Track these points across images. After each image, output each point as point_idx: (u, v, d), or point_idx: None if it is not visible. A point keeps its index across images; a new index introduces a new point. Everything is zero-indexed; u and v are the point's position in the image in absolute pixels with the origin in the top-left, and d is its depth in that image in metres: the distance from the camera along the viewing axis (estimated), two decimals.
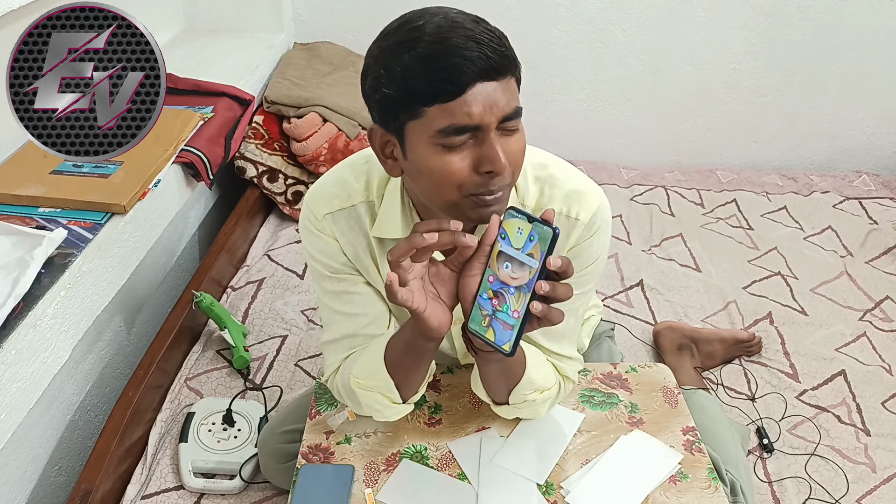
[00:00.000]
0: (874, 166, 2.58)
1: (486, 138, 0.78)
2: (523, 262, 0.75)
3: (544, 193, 0.94)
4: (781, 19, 2.35)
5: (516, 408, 1.00)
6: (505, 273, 0.76)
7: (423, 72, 0.76)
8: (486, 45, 0.75)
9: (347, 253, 0.99)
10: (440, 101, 0.76)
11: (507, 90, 0.78)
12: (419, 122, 0.79)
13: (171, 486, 1.31)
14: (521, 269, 0.75)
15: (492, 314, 0.77)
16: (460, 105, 0.76)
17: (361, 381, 0.97)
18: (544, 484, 0.98)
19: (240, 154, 1.99)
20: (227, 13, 2.27)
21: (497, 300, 0.77)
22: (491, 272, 0.78)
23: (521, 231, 0.76)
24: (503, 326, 0.76)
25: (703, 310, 1.82)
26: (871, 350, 1.71)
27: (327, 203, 0.97)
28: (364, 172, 0.97)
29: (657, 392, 1.14)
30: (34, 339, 1.06)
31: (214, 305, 1.60)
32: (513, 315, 0.76)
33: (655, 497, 0.97)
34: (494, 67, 0.76)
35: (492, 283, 0.78)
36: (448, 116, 0.77)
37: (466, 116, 0.76)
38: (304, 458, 1.03)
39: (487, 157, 0.78)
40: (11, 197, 1.29)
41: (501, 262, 0.77)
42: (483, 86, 0.76)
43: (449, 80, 0.75)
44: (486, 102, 0.76)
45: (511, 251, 0.76)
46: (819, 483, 1.37)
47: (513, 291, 0.76)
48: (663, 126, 2.56)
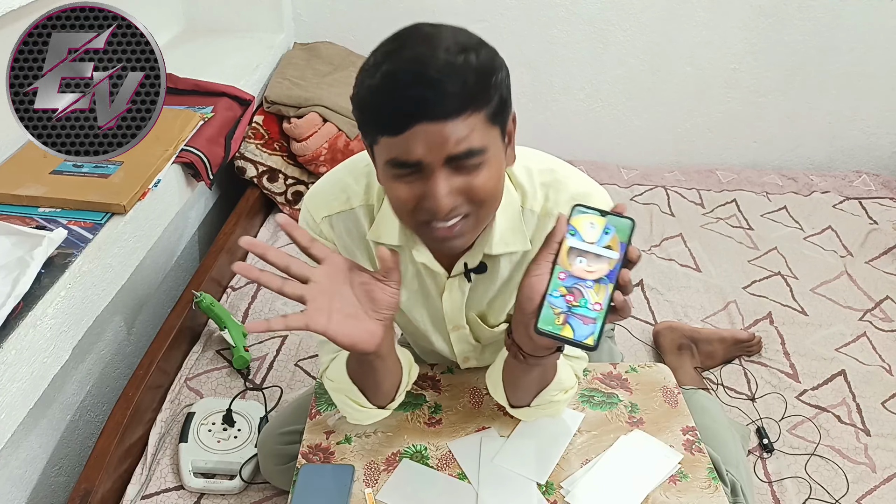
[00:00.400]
0: (874, 166, 2.58)
1: (430, 176, 0.77)
2: (600, 255, 0.75)
3: (549, 198, 0.94)
4: (781, 19, 2.35)
5: (539, 409, 0.99)
6: (579, 268, 0.76)
7: (374, 103, 0.76)
8: (438, 83, 0.72)
9: (343, 252, 0.98)
10: (385, 134, 0.76)
11: (456, 131, 0.74)
12: (377, 148, 0.80)
13: (171, 486, 1.31)
14: (597, 262, 0.75)
15: (567, 311, 0.76)
16: (402, 142, 0.75)
17: (332, 382, 0.99)
18: (544, 484, 0.98)
19: (240, 154, 1.98)
20: (227, 13, 2.27)
21: (572, 296, 0.76)
22: (561, 269, 0.77)
23: (595, 225, 0.76)
24: (583, 321, 0.75)
25: (703, 310, 1.82)
26: (871, 350, 1.71)
27: (326, 206, 0.96)
28: (364, 175, 0.96)
29: (657, 392, 1.14)
30: (34, 339, 1.06)
31: (214, 305, 1.60)
32: (594, 308, 0.75)
33: (655, 497, 0.97)
34: (436, 110, 0.73)
35: (563, 279, 0.77)
36: (391, 149, 0.77)
37: (406, 154, 0.76)
38: (304, 458, 1.03)
39: (428, 196, 0.78)
40: (11, 197, 1.28)
41: (573, 257, 0.77)
42: (425, 126, 0.73)
43: (390, 115, 0.75)
44: (428, 143, 0.74)
45: (585, 246, 0.76)
46: (819, 483, 1.37)
47: (591, 285, 0.75)
48: (663, 126, 2.56)
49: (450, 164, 0.76)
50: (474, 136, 0.76)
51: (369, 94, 0.76)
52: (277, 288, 0.78)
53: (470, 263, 0.94)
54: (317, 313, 0.79)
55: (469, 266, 0.95)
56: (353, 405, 0.97)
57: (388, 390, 0.97)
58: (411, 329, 1.09)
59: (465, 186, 0.78)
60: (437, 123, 0.73)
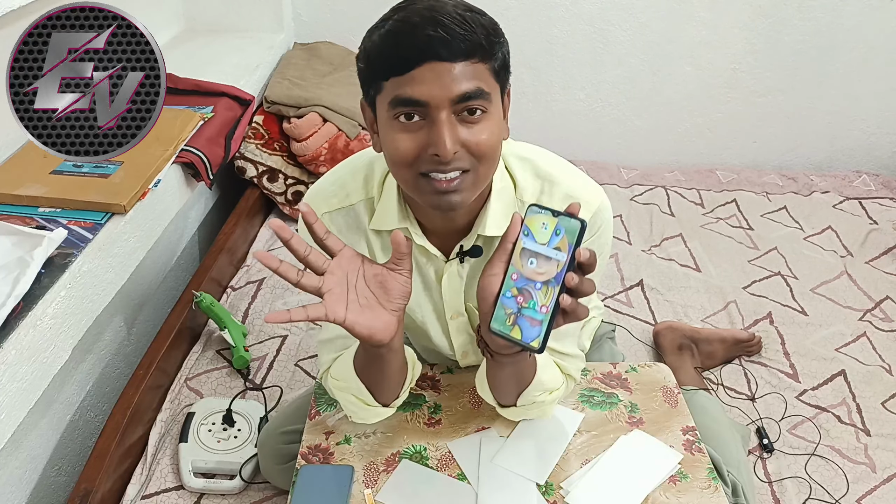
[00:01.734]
0: (874, 166, 2.58)
1: (434, 119, 0.79)
2: (549, 257, 0.75)
3: (544, 191, 0.94)
4: (781, 19, 2.34)
5: (524, 409, 1.00)
6: (530, 269, 0.76)
7: (382, 47, 0.79)
8: (449, 26, 0.75)
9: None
10: (393, 74, 0.78)
11: (464, 73, 0.77)
12: (381, 97, 0.81)
13: (171, 486, 1.31)
14: (547, 264, 0.75)
15: (517, 312, 0.76)
16: (409, 79, 0.77)
17: (337, 381, 0.99)
18: (544, 484, 0.98)
19: (240, 154, 1.98)
20: (227, 13, 2.26)
21: (522, 297, 0.76)
22: (514, 269, 0.77)
23: (546, 226, 0.75)
24: (530, 323, 0.75)
25: (703, 310, 1.82)
26: (871, 350, 1.71)
27: (326, 202, 0.97)
28: (363, 171, 0.97)
29: (657, 392, 1.14)
30: (34, 339, 1.06)
31: (214, 305, 1.60)
32: (541, 310, 0.75)
33: (655, 497, 0.97)
34: (452, 49, 0.76)
35: (515, 280, 0.77)
36: (397, 88, 0.78)
37: (412, 91, 0.78)
38: (304, 459, 1.03)
39: (433, 139, 0.79)
40: (11, 197, 1.28)
41: (525, 258, 0.76)
42: (434, 65, 0.76)
43: (399, 54, 0.77)
44: (435, 81, 0.77)
45: (536, 247, 0.76)
46: (819, 483, 1.37)
47: (539, 287, 0.75)
48: (663, 126, 2.56)
49: (455, 109, 0.79)
50: (481, 82, 0.79)
51: (379, 39, 0.79)
52: (294, 280, 0.79)
53: (465, 245, 0.95)
54: (335, 304, 0.80)
55: (465, 248, 0.95)
56: (359, 404, 0.98)
57: (395, 387, 0.97)
58: (410, 324, 1.09)
59: (467, 138, 0.80)
60: (447, 63, 0.76)
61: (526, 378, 0.95)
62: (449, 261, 0.97)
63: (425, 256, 0.98)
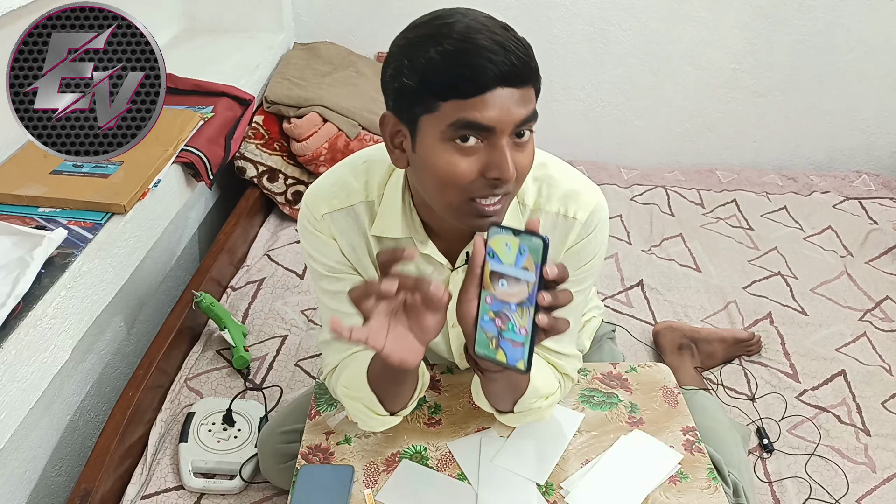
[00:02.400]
0: (874, 166, 2.58)
1: (497, 144, 0.78)
2: (519, 278, 0.73)
3: (542, 193, 0.95)
4: (781, 19, 2.35)
5: (522, 416, 1.00)
6: (502, 291, 0.75)
7: (447, 66, 0.76)
8: (513, 52, 0.76)
9: (346, 253, 0.98)
10: (458, 97, 0.76)
11: (525, 99, 0.78)
12: (433, 117, 0.79)
13: (171, 486, 1.31)
14: (517, 285, 0.74)
15: (497, 335, 0.76)
16: (476, 104, 0.76)
17: (347, 391, 0.98)
18: (544, 484, 0.98)
19: (240, 154, 1.98)
20: (227, 13, 2.27)
21: (500, 320, 0.76)
22: (487, 293, 0.76)
23: (510, 246, 0.74)
24: (512, 345, 0.75)
25: (703, 310, 1.82)
26: (871, 350, 1.71)
27: (326, 202, 0.96)
28: (363, 172, 0.97)
29: (657, 392, 1.14)
30: (34, 339, 1.06)
31: (214, 305, 1.60)
32: (520, 332, 0.74)
33: (655, 497, 0.97)
34: (517, 75, 0.76)
35: (490, 304, 0.76)
36: (462, 112, 0.77)
37: (481, 116, 0.77)
38: (304, 459, 1.03)
39: (496, 163, 0.78)
40: (11, 197, 1.28)
41: (496, 280, 0.75)
42: (502, 91, 0.76)
43: (471, 77, 0.76)
44: (503, 107, 0.76)
45: (503, 268, 0.75)
46: (819, 483, 1.37)
47: (514, 308, 0.74)
48: (663, 126, 2.56)
49: (513, 134, 0.79)
50: (533, 105, 0.80)
51: (442, 60, 0.76)
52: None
53: (471, 251, 0.94)
54: (378, 332, 0.79)
55: (471, 253, 0.94)
56: (368, 412, 0.97)
57: (406, 398, 0.98)
58: None
59: (516, 161, 0.80)
60: (513, 89, 0.77)
61: (520, 388, 0.95)
62: (455, 269, 0.97)
63: (431, 264, 0.98)
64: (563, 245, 0.96)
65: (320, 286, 1.01)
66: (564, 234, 0.95)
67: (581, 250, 0.96)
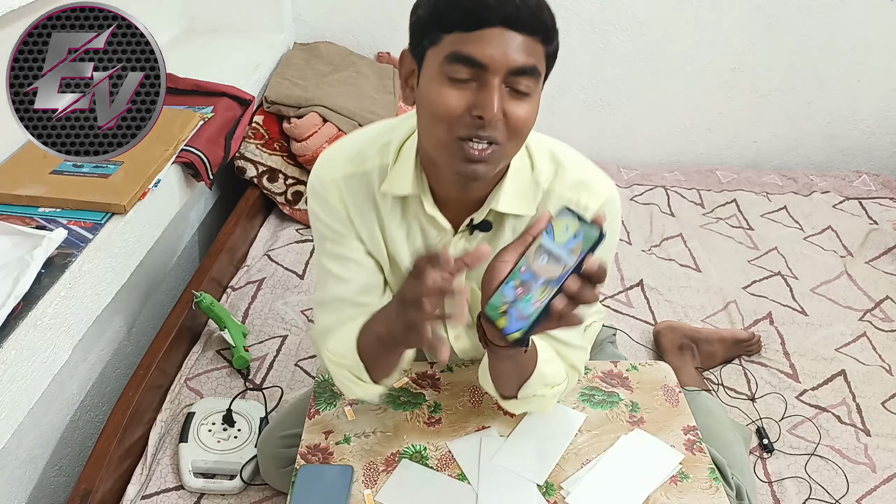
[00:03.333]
0: (874, 166, 2.58)
1: (488, 82, 0.79)
2: (560, 258, 0.75)
3: (557, 176, 0.96)
4: (781, 19, 2.34)
5: (525, 402, 1.00)
6: (539, 265, 0.77)
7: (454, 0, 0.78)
8: (524, 1, 0.77)
9: (354, 218, 0.99)
10: (458, 29, 0.78)
11: (526, 49, 0.78)
12: (436, 49, 0.81)
13: (171, 486, 1.31)
14: (555, 264, 0.75)
15: (511, 302, 0.77)
16: (474, 38, 0.78)
17: (333, 357, 0.99)
18: (544, 484, 0.98)
19: (240, 154, 1.98)
20: (227, 13, 2.26)
21: (522, 289, 0.77)
22: (525, 262, 0.78)
23: (569, 228, 0.76)
24: (518, 316, 0.76)
25: (703, 310, 1.82)
26: (871, 350, 1.71)
27: (341, 167, 0.98)
28: (382, 137, 0.98)
29: (658, 391, 1.14)
30: (34, 339, 1.06)
31: (214, 305, 1.60)
32: (533, 305, 0.75)
33: (656, 497, 0.97)
34: (521, 20, 0.77)
35: (523, 272, 0.77)
36: (459, 44, 0.79)
37: (475, 50, 0.78)
38: (303, 459, 1.03)
39: (482, 102, 0.79)
40: (11, 197, 1.28)
41: (539, 254, 0.77)
42: (503, 31, 0.77)
43: (474, 10, 0.77)
44: (500, 47, 0.78)
45: (552, 245, 0.77)
46: (819, 483, 1.37)
47: (540, 283, 0.76)
48: (663, 126, 2.56)
49: (507, 80, 0.80)
50: (536, 60, 0.80)
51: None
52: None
53: (476, 219, 0.96)
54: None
55: (475, 221, 0.96)
56: (354, 379, 0.98)
57: (392, 368, 0.98)
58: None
59: (510, 110, 0.81)
60: (513, 33, 0.77)
61: (526, 371, 0.95)
62: (458, 233, 0.98)
63: (434, 227, 0.98)
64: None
65: (321, 246, 1.03)
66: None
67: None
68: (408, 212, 0.98)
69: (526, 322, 0.75)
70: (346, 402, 1.11)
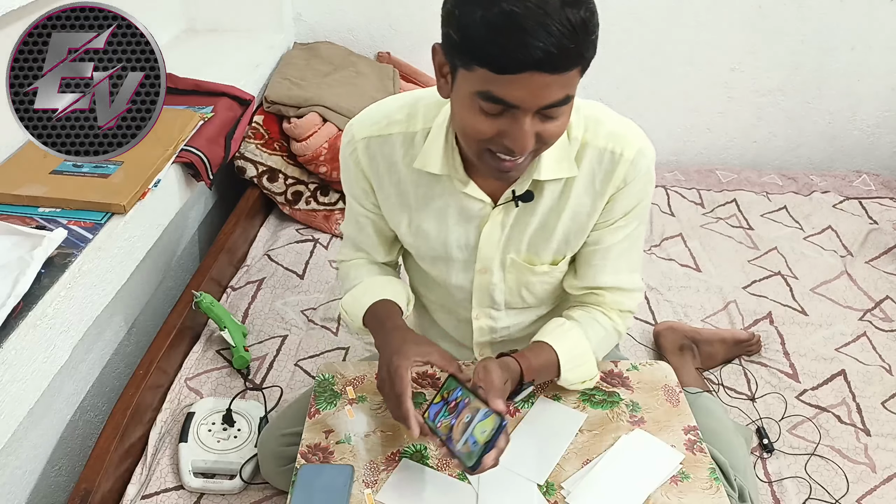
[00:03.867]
0: (874, 166, 2.58)
1: (519, 118, 0.80)
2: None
3: (589, 129, 0.97)
4: (781, 19, 2.34)
5: (572, 386, 1.09)
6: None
7: (485, 37, 0.75)
8: (558, 38, 0.73)
9: (371, 179, 1.03)
10: (490, 69, 0.77)
11: (560, 83, 0.78)
12: (468, 74, 0.80)
13: (171, 486, 1.31)
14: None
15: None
16: (507, 82, 0.77)
17: (346, 311, 1.12)
18: (544, 484, 0.98)
19: (240, 154, 1.98)
20: (227, 13, 2.26)
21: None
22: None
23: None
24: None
25: (703, 310, 1.82)
26: (871, 350, 1.71)
27: (367, 128, 1.01)
28: (409, 106, 0.99)
29: (658, 390, 1.14)
30: (34, 339, 1.06)
31: (214, 305, 1.60)
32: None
33: (656, 498, 0.97)
34: (554, 64, 0.75)
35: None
36: (491, 84, 0.78)
37: (508, 94, 0.78)
38: (304, 458, 1.03)
39: (513, 136, 0.81)
40: (11, 197, 1.28)
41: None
42: (535, 76, 0.76)
43: (504, 57, 0.75)
44: (534, 91, 0.77)
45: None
46: (819, 483, 1.37)
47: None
48: (663, 126, 2.56)
49: (540, 112, 0.80)
50: (571, 89, 0.80)
51: (483, 27, 0.75)
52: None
53: (518, 191, 0.97)
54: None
55: (517, 193, 0.97)
56: (358, 327, 1.11)
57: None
58: (436, 270, 1.11)
59: (542, 131, 0.82)
60: (547, 76, 0.76)
61: (552, 375, 1.06)
62: (498, 206, 0.99)
63: (473, 201, 1.00)
64: (609, 182, 0.98)
65: (347, 192, 1.11)
66: (610, 170, 0.97)
67: (628, 194, 0.99)
68: (441, 186, 1.00)
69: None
70: (346, 401, 1.11)
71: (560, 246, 1.04)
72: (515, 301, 1.12)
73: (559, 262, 1.07)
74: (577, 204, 1.00)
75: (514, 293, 1.11)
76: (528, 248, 1.04)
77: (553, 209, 1.00)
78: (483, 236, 1.02)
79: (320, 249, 1.99)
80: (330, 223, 2.06)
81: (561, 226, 1.01)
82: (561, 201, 1.00)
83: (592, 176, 0.98)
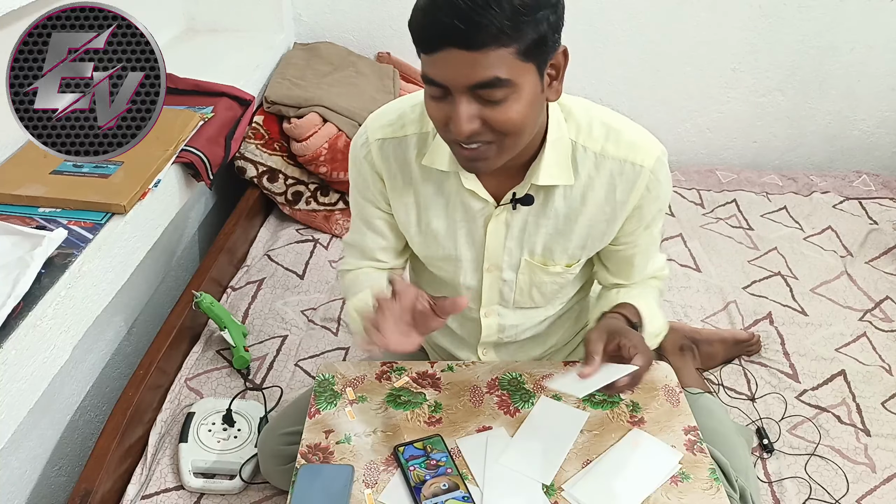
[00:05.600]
0: (874, 166, 2.58)
1: (454, 101, 0.82)
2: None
3: (609, 139, 0.98)
4: (781, 19, 2.35)
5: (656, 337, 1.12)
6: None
7: (413, 23, 0.82)
8: (465, 12, 0.75)
9: (385, 179, 1.03)
10: (420, 49, 0.82)
11: (481, 62, 0.78)
12: (421, 62, 0.84)
13: (171, 486, 1.31)
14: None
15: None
16: (433, 61, 0.81)
17: (351, 313, 1.11)
18: (546, 484, 0.98)
19: (240, 154, 1.98)
20: (227, 13, 2.26)
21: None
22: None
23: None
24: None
25: (703, 310, 1.82)
26: (871, 350, 1.71)
27: (381, 129, 1.02)
28: (422, 104, 0.99)
29: (658, 391, 1.14)
30: (34, 339, 1.06)
31: (214, 305, 1.60)
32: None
33: (657, 498, 0.97)
34: (466, 39, 0.77)
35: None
36: (426, 66, 0.82)
37: (433, 73, 0.81)
38: (304, 458, 1.03)
39: (453, 118, 0.83)
40: (11, 197, 1.28)
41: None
42: (453, 52, 0.78)
43: (422, 33, 0.80)
44: (455, 68, 0.79)
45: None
46: (819, 483, 1.37)
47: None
48: (663, 126, 2.56)
49: (472, 93, 0.81)
50: (500, 69, 0.79)
51: (414, 13, 0.82)
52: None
53: (518, 193, 0.99)
54: (390, 337, 0.88)
55: (516, 196, 0.98)
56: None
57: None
58: (445, 271, 1.11)
59: (487, 116, 0.83)
60: (463, 52, 0.78)
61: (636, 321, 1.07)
62: (500, 206, 1.00)
63: (476, 200, 1.00)
64: (632, 191, 0.99)
65: (355, 197, 1.11)
66: (633, 180, 0.98)
67: (654, 199, 1.01)
68: (449, 183, 1.01)
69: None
70: (346, 401, 1.11)
71: (576, 251, 1.06)
72: (525, 300, 1.13)
73: (573, 265, 1.08)
74: (597, 212, 1.01)
75: (525, 293, 1.11)
76: (543, 251, 1.06)
77: (569, 216, 1.02)
78: (489, 234, 1.03)
79: (320, 250, 1.99)
80: (330, 223, 2.06)
81: (578, 231, 1.03)
82: (579, 208, 1.01)
83: (613, 186, 0.99)
